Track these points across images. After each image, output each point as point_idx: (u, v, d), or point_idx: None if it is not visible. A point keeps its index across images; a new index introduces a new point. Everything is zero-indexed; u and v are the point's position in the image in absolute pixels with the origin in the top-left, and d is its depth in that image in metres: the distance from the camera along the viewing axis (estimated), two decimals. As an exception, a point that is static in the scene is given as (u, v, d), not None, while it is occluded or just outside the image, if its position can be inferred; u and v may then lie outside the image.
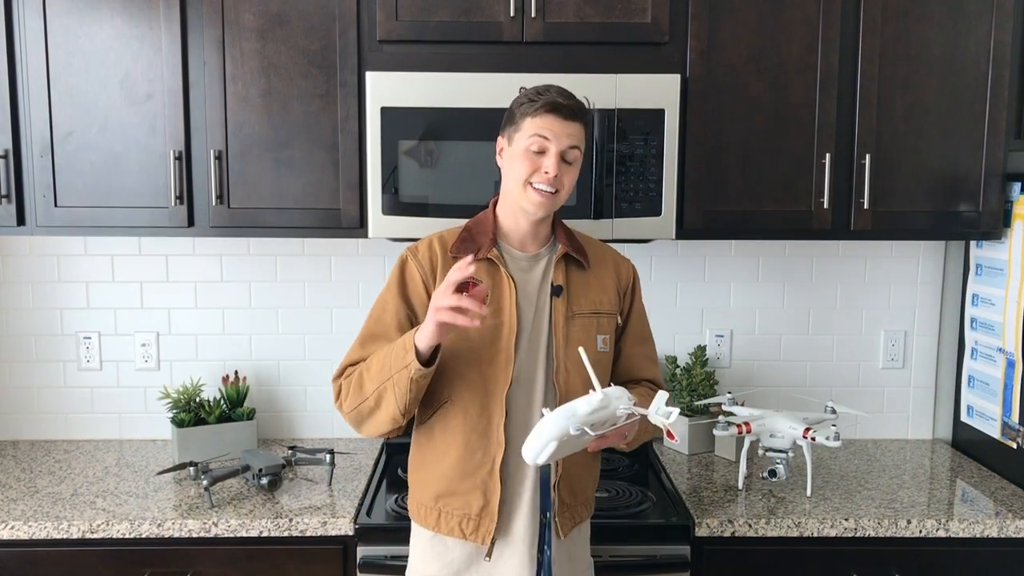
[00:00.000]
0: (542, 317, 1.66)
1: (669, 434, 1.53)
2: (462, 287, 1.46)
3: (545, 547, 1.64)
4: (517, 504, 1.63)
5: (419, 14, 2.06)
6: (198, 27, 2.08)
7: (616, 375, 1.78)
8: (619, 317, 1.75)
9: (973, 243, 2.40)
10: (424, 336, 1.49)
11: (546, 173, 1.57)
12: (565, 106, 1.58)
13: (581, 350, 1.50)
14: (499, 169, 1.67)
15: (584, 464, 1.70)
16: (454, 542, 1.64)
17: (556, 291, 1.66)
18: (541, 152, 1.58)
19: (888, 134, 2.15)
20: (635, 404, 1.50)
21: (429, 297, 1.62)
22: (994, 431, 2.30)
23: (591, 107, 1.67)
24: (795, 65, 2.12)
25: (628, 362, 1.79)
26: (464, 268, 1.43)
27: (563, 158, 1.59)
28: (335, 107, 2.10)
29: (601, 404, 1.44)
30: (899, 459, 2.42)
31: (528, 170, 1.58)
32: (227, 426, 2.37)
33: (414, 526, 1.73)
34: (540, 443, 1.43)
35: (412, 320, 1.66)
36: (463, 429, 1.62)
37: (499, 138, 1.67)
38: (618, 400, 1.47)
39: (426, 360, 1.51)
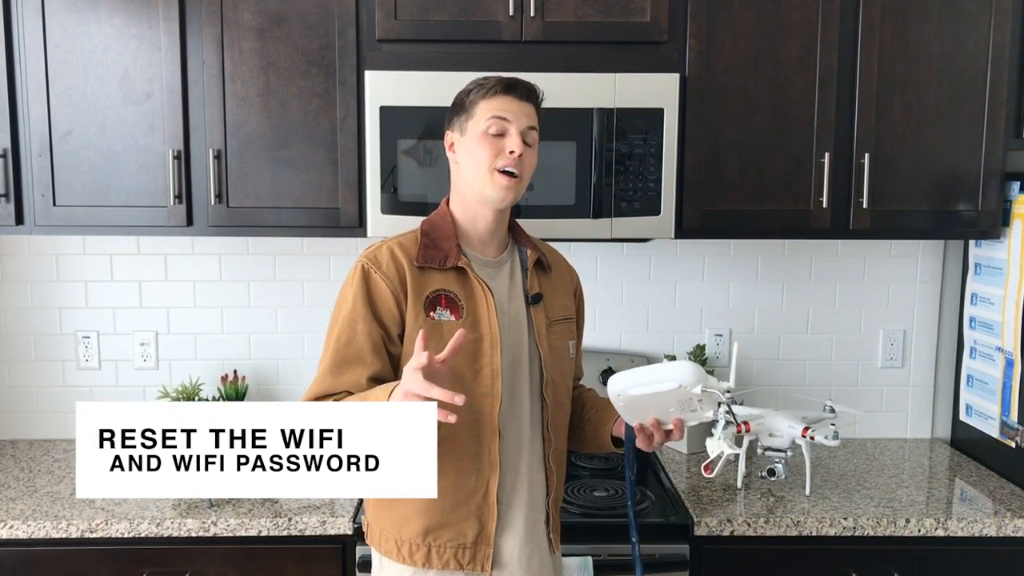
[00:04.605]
0: (519, 327, 1.56)
1: (707, 468, 1.52)
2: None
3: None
4: (511, 526, 1.55)
5: (418, 13, 2.06)
6: (197, 26, 2.08)
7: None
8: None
9: (972, 242, 2.40)
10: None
11: (511, 153, 1.47)
12: (521, 85, 1.51)
13: (735, 345, 1.55)
14: (449, 167, 1.59)
15: (562, 478, 1.66)
16: (448, 574, 1.53)
17: (535, 300, 1.58)
18: (501, 134, 1.49)
19: (887, 133, 2.15)
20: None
21: (401, 315, 1.50)
22: (993, 430, 2.30)
23: (541, 95, 1.57)
24: (794, 64, 2.12)
25: (577, 368, 1.75)
26: (455, 348, 1.33)
27: (523, 140, 1.49)
28: (334, 106, 2.09)
29: (720, 396, 1.39)
30: (898, 458, 2.42)
31: (491, 154, 1.48)
32: (226, 425, 2.36)
33: (385, 563, 1.57)
34: (649, 378, 1.36)
35: (386, 342, 1.51)
36: (452, 455, 1.49)
37: (447, 132, 1.57)
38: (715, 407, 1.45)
39: None
